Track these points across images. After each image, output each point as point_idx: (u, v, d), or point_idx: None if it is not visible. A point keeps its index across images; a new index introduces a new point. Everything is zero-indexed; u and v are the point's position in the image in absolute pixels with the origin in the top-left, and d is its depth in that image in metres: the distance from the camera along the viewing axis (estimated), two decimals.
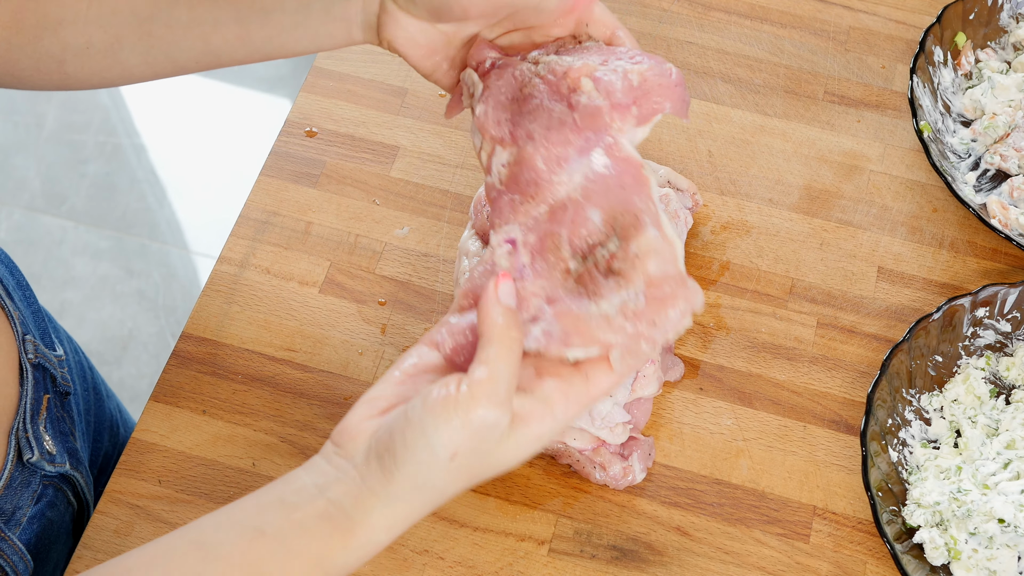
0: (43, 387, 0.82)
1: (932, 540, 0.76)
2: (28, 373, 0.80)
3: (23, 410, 0.78)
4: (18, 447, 0.78)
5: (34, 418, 0.80)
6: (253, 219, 0.92)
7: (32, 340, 0.82)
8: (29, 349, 0.81)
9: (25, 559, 0.79)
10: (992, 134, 0.92)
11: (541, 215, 0.65)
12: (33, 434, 0.79)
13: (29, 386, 0.80)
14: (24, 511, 0.79)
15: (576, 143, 0.65)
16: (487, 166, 0.67)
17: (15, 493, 0.78)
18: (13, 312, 0.81)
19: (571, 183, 0.64)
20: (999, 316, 0.84)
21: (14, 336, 0.80)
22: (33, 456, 0.79)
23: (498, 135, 0.67)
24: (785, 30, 1.00)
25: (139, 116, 2.16)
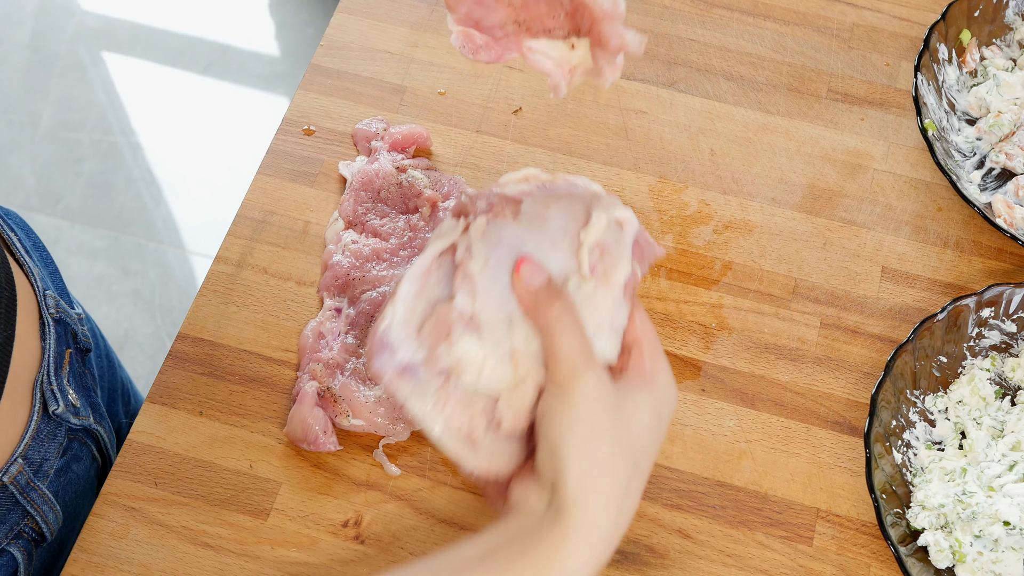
0: (65, 342, 0.83)
1: (937, 543, 0.76)
2: (50, 327, 0.81)
3: (47, 363, 0.79)
4: (43, 399, 0.79)
5: (57, 371, 0.80)
6: (250, 218, 0.91)
7: (52, 295, 0.82)
8: (50, 304, 0.82)
9: (55, 509, 0.81)
10: (997, 132, 0.91)
11: (366, 295, 0.84)
12: (58, 386, 0.80)
13: (51, 340, 0.80)
14: (51, 463, 0.80)
15: (407, 255, 0.86)
16: (336, 238, 0.88)
17: (42, 444, 0.79)
18: (33, 269, 0.82)
19: (395, 279, 0.83)
20: (1004, 316, 0.83)
21: (34, 292, 0.81)
22: (59, 408, 0.79)
23: (354, 220, 0.88)
24: (788, 27, 0.99)
25: (135, 114, 2.16)
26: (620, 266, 0.62)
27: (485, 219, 0.62)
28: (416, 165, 0.91)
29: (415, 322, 0.60)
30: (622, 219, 0.64)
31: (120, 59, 2.22)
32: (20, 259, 0.81)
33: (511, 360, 0.60)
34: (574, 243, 0.62)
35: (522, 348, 0.60)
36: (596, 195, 0.64)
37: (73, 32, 2.24)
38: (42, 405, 0.78)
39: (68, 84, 2.18)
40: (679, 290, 0.88)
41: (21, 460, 0.77)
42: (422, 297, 0.61)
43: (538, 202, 0.63)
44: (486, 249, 0.61)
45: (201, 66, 2.21)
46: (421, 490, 0.80)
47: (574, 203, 0.63)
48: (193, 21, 2.25)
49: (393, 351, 0.60)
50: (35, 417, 0.78)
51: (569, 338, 0.59)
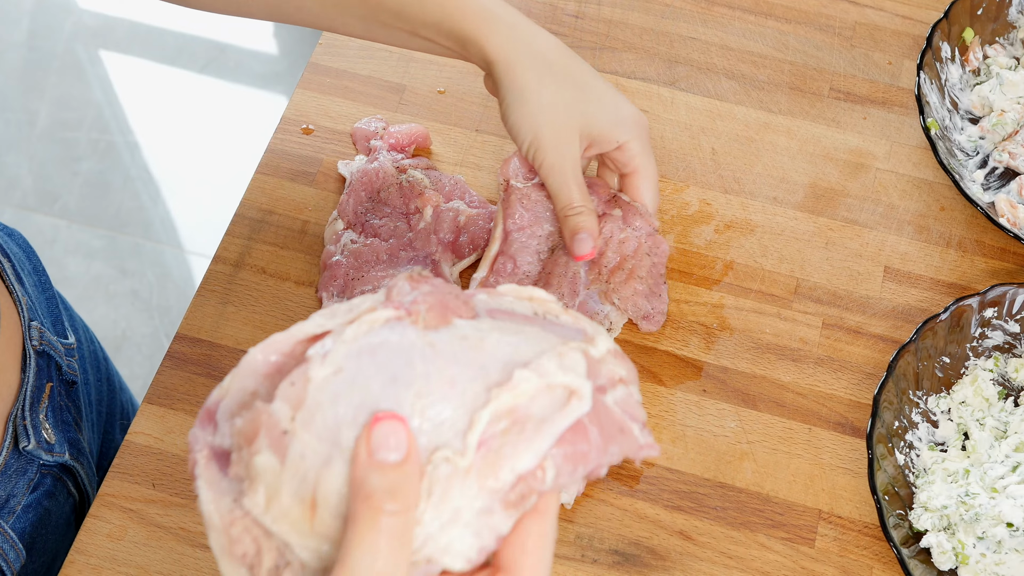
0: (46, 375, 0.82)
1: (939, 544, 0.76)
2: (31, 360, 0.80)
3: (23, 397, 0.78)
4: (15, 434, 0.77)
5: (34, 406, 0.79)
6: (248, 218, 0.91)
7: (38, 327, 0.81)
8: (34, 336, 0.80)
9: (16, 548, 0.79)
10: (1000, 131, 0.91)
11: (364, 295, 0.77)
12: (31, 422, 0.79)
13: (31, 373, 0.79)
14: (19, 499, 0.79)
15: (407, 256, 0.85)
16: (335, 238, 0.87)
17: (9, 480, 0.77)
18: (21, 297, 0.81)
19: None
20: (1007, 317, 0.83)
21: (20, 321, 0.80)
22: (29, 444, 0.78)
23: (353, 221, 0.88)
24: (790, 25, 0.99)
25: (132, 113, 2.15)
26: (522, 456, 0.45)
27: (388, 314, 0.46)
28: (416, 165, 0.91)
29: (238, 404, 0.47)
30: (574, 388, 0.46)
31: (118, 58, 2.22)
32: (10, 286, 0.80)
33: (309, 509, 0.44)
34: (482, 397, 0.45)
35: (329, 502, 0.44)
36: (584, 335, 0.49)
37: (70, 30, 2.24)
38: (13, 440, 0.77)
39: (65, 83, 2.18)
40: (680, 290, 0.87)
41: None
42: (267, 378, 0.47)
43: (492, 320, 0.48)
44: (354, 356, 0.45)
45: (199, 65, 2.20)
46: None
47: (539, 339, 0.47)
48: (191, 19, 2.25)
49: (216, 428, 0.47)
50: (4, 452, 0.76)
51: (373, 556, 0.42)
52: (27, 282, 0.84)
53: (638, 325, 0.85)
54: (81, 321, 0.96)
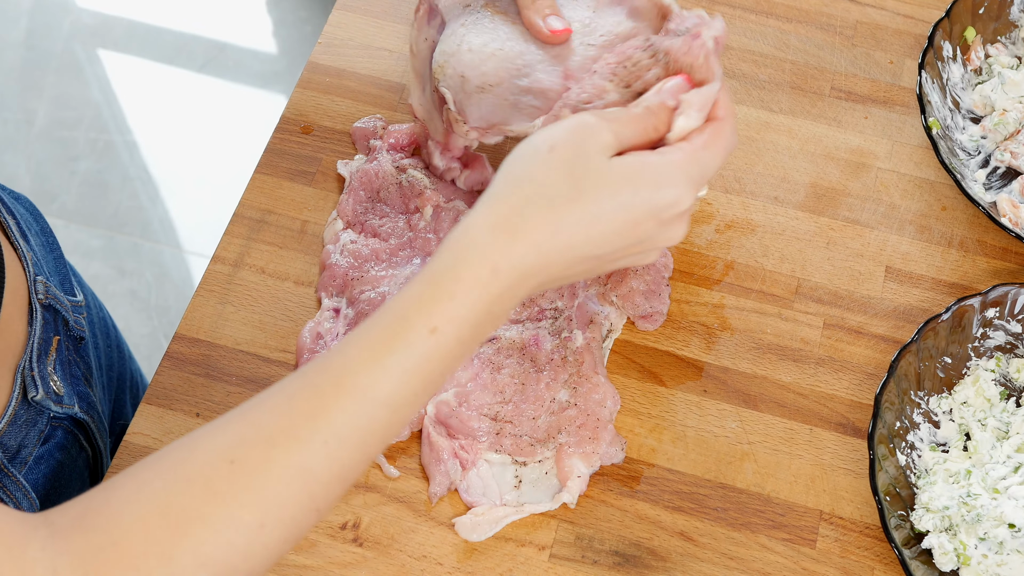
0: (53, 328, 0.82)
1: (941, 545, 0.76)
2: (37, 312, 0.79)
3: (31, 348, 0.78)
4: (23, 384, 0.77)
5: (41, 357, 0.79)
6: (247, 217, 0.90)
7: (43, 281, 0.81)
8: (39, 290, 0.80)
9: (30, 497, 0.79)
10: (1002, 131, 0.91)
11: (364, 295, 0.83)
12: (39, 373, 0.79)
13: (38, 325, 0.79)
14: (30, 450, 0.79)
15: (407, 256, 0.86)
16: (334, 238, 0.87)
17: (20, 430, 0.77)
18: (26, 253, 0.81)
19: (395, 280, 0.84)
20: (1009, 317, 0.83)
21: (25, 275, 0.80)
22: (37, 394, 0.78)
23: (353, 221, 0.88)
24: (791, 24, 0.98)
25: (131, 113, 2.15)
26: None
27: None
28: (416, 164, 0.90)
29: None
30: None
31: (116, 57, 2.21)
32: (14, 242, 0.81)
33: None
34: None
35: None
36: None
37: (69, 29, 2.24)
38: (22, 391, 0.77)
39: (63, 82, 2.17)
40: (680, 290, 0.87)
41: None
42: None
43: None
44: None
45: (198, 64, 2.20)
46: (420, 492, 0.80)
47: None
48: (190, 18, 2.25)
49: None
50: (13, 402, 0.76)
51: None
52: (33, 241, 0.84)
53: (637, 324, 0.85)
54: (90, 290, 0.96)
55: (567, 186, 0.62)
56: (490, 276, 0.60)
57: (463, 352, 0.61)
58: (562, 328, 0.83)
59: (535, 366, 0.81)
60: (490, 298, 0.60)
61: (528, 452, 0.80)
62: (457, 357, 0.61)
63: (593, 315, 0.84)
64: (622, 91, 0.72)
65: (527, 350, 0.82)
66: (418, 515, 0.79)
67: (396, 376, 0.58)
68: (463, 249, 0.61)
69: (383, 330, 0.59)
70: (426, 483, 0.80)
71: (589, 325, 0.83)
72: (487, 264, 0.60)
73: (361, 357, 0.59)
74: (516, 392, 0.81)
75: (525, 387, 0.81)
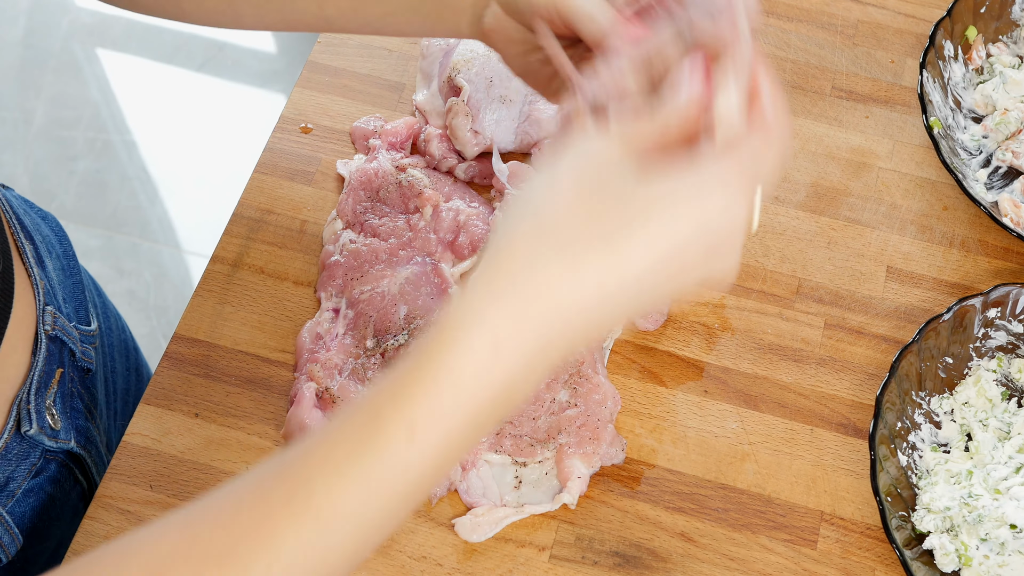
0: (58, 360, 0.81)
1: (942, 546, 0.76)
2: (42, 344, 0.78)
3: (30, 381, 0.77)
4: (18, 417, 0.76)
5: (40, 391, 0.78)
6: (247, 217, 0.90)
7: (53, 311, 0.80)
8: (48, 320, 0.79)
9: (12, 532, 0.78)
10: (1004, 130, 0.91)
11: (364, 295, 0.83)
12: (35, 407, 0.77)
13: (41, 357, 0.78)
14: (19, 483, 0.78)
15: (406, 255, 0.85)
16: (334, 238, 0.87)
17: (10, 464, 0.76)
18: (39, 280, 0.79)
19: (394, 280, 0.84)
20: (1011, 317, 0.83)
21: (35, 304, 0.79)
22: (31, 429, 0.77)
23: (352, 221, 0.87)
24: (792, 23, 0.98)
25: (129, 112, 2.15)
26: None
27: None
28: (416, 164, 0.90)
29: None
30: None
31: (114, 56, 2.21)
32: (29, 269, 0.79)
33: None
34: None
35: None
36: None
37: (67, 29, 2.23)
38: (16, 424, 0.76)
39: (62, 81, 2.17)
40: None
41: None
42: None
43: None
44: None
45: (197, 63, 2.20)
46: None
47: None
48: None
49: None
50: (6, 435, 0.75)
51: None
52: (51, 266, 0.83)
53: (637, 324, 0.85)
54: (114, 310, 0.95)
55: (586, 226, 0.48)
56: (490, 354, 0.47)
57: (454, 457, 0.49)
58: None
59: None
60: (492, 384, 0.47)
61: (528, 452, 0.79)
62: (445, 464, 0.48)
63: None
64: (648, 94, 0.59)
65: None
66: (417, 516, 0.79)
67: (361, 492, 0.47)
68: (455, 320, 0.47)
69: (353, 429, 0.48)
70: None
71: None
72: (486, 337, 0.47)
73: (322, 465, 0.48)
74: None
75: None
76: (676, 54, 0.57)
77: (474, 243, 0.86)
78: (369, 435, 0.47)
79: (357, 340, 0.83)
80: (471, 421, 0.48)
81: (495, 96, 0.87)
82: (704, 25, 0.57)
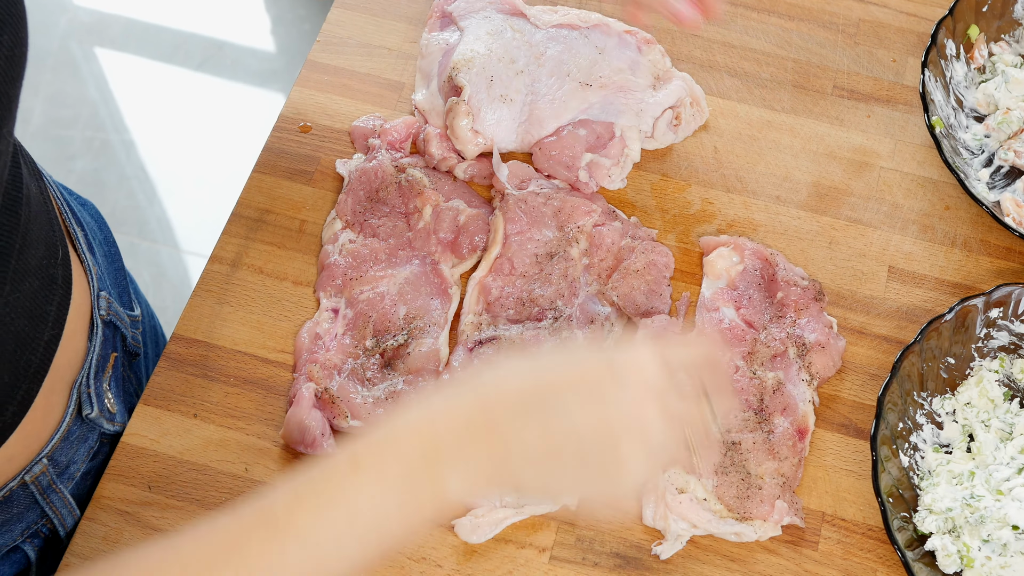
0: (112, 345, 0.83)
1: (944, 547, 0.76)
2: (98, 329, 0.80)
3: (88, 365, 0.79)
4: (79, 401, 0.78)
5: (98, 375, 0.80)
6: (246, 217, 0.90)
7: (106, 297, 0.82)
8: (103, 306, 0.81)
9: (74, 513, 0.80)
10: (1006, 129, 0.90)
11: (363, 295, 0.83)
12: (95, 390, 0.79)
13: (98, 342, 0.80)
14: (79, 466, 0.80)
15: (406, 256, 0.85)
16: (333, 238, 0.87)
17: (71, 447, 0.78)
18: (91, 267, 0.81)
19: (394, 280, 0.84)
20: (1013, 317, 0.82)
21: (89, 291, 0.80)
22: (92, 412, 0.79)
23: (352, 221, 0.87)
24: (793, 22, 0.98)
25: (128, 111, 2.14)
26: None
27: None
28: (415, 164, 0.90)
29: None
30: None
31: (113, 55, 2.21)
32: (82, 255, 0.81)
33: None
34: None
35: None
36: None
37: (65, 27, 2.23)
38: (77, 407, 0.78)
39: (60, 80, 2.17)
40: (682, 290, 0.87)
41: (46, 460, 0.77)
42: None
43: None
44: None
45: (196, 62, 2.19)
46: None
47: None
48: (188, 16, 2.24)
49: None
50: (67, 419, 0.77)
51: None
52: (98, 252, 0.85)
53: (638, 324, 0.85)
54: (144, 299, 0.97)
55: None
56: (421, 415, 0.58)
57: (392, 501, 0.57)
58: (562, 328, 0.82)
59: None
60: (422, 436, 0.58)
61: None
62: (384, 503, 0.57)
63: (593, 315, 0.83)
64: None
65: (527, 351, 0.81)
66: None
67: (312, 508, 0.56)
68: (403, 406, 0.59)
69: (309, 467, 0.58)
70: None
71: (589, 325, 0.83)
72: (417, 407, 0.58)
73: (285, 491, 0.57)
74: None
75: None
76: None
77: (474, 243, 0.86)
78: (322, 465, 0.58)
79: (356, 340, 0.82)
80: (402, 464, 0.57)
81: (495, 96, 0.87)
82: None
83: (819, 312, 0.83)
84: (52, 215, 0.75)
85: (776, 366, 0.81)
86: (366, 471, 0.57)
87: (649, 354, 0.60)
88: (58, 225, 0.76)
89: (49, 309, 0.72)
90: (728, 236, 0.86)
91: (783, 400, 0.80)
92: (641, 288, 0.84)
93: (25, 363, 0.70)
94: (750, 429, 0.79)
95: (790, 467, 0.78)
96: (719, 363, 0.64)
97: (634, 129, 0.90)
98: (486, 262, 0.85)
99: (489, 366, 0.60)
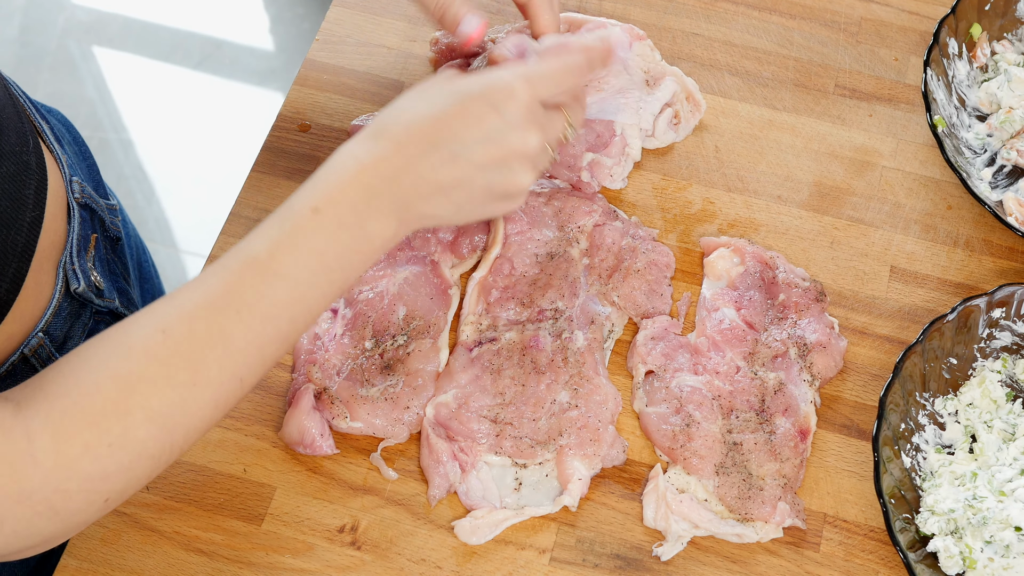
0: (90, 226, 0.87)
1: (946, 549, 0.75)
2: (75, 211, 0.84)
3: (70, 244, 0.83)
4: (66, 278, 0.82)
5: (81, 253, 0.84)
6: (244, 217, 0.90)
7: (79, 182, 0.86)
8: (76, 189, 0.86)
9: None
10: (1008, 129, 0.90)
11: (362, 295, 0.84)
12: (80, 267, 0.84)
13: (76, 223, 0.84)
14: (76, 341, 0.83)
15: (405, 256, 0.85)
16: None
17: (65, 321, 0.82)
18: (61, 156, 0.86)
19: (393, 280, 0.84)
20: (1016, 317, 0.82)
21: (61, 176, 0.85)
22: (79, 287, 0.83)
23: None
24: (794, 21, 0.98)
25: (126, 111, 2.14)
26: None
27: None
28: None
29: None
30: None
31: (111, 54, 2.21)
32: (50, 146, 0.85)
33: None
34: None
35: None
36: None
37: (63, 26, 2.23)
38: (64, 283, 0.81)
39: (58, 79, 2.16)
40: (683, 290, 0.86)
41: (42, 335, 0.80)
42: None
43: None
44: None
45: (194, 61, 2.19)
46: (419, 495, 0.79)
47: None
48: (186, 15, 2.24)
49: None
50: (57, 295, 0.81)
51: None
52: (67, 146, 0.89)
53: (639, 325, 0.84)
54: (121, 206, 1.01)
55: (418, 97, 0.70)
56: (355, 165, 0.68)
57: (350, 238, 0.67)
58: (563, 329, 0.82)
59: (535, 367, 0.81)
60: (361, 184, 0.67)
61: (528, 454, 0.79)
62: (344, 241, 0.67)
63: (594, 315, 0.83)
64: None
65: (527, 351, 0.81)
66: (417, 518, 0.78)
67: (288, 251, 0.65)
68: (335, 155, 0.69)
69: (276, 219, 0.67)
70: (425, 486, 0.79)
71: (590, 326, 0.83)
72: (351, 157, 0.68)
73: (260, 240, 0.66)
74: (516, 394, 0.80)
75: (525, 389, 0.80)
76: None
77: (473, 243, 0.86)
78: (287, 216, 0.67)
79: (355, 341, 0.82)
80: (352, 207, 0.68)
81: None
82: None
83: (820, 312, 0.82)
84: (19, 109, 0.81)
85: (777, 367, 0.80)
86: (323, 213, 0.66)
87: (514, 77, 0.70)
88: (26, 119, 0.82)
89: (28, 192, 0.77)
90: (728, 238, 0.86)
91: (784, 401, 0.79)
92: (642, 288, 0.84)
93: (12, 243, 0.75)
94: (751, 430, 0.78)
95: (791, 468, 0.78)
96: (572, 72, 0.74)
97: (634, 127, 0.89)
98: (486, 262, 0.84)
99: (391, 110, 0.70)
